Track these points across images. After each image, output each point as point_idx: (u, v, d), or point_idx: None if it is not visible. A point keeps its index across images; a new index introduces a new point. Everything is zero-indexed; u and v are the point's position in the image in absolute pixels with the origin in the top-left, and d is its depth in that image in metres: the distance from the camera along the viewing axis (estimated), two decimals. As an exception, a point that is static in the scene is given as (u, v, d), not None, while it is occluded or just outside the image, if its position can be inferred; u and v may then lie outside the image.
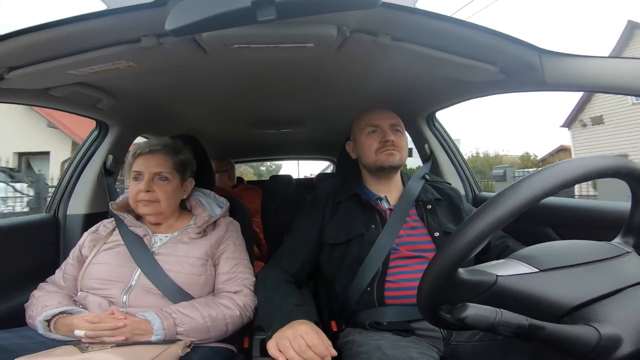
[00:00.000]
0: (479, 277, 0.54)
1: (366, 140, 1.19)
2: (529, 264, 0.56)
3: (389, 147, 1.15)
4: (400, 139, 1.18)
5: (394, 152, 1.15)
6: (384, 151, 1.15)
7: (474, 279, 0.54)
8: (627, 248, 0.61)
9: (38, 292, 1.05)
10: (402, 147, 1.18)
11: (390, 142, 1.15)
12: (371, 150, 1.17)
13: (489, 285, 0.53)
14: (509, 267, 0.56)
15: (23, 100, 1.08)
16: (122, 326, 0.89)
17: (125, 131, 1.58)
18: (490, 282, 0.53)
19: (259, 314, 1.03)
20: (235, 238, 1.21)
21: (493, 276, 0.53)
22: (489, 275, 0.54)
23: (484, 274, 0.54)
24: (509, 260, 0.58)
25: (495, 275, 0.53)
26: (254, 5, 0.62)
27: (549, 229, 1.26)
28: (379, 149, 1.16)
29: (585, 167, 0.52)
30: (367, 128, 1.19)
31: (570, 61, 0.90)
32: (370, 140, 1.18)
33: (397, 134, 1.18)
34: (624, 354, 0.45)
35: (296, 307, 0.95)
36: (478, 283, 0.53)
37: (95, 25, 0.76)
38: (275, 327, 0.86)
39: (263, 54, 0.94)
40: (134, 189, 1.12)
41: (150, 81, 1.22)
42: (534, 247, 0.62)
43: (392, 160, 1.15)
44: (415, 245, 1.09)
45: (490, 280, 0.53)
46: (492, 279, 0.53)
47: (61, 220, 1.46)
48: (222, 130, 2.23)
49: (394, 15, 0.80)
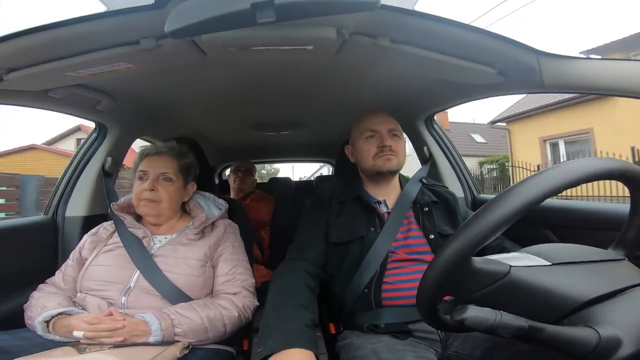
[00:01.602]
0: (493, 267, 0.54)
1: (364, 145, 1.20)
2: (541, 258, 0.56)
3: (386, 152, 1.15)
4: (398, 143, 1.19)
5: (392, 157, 1.16)
6: (381, 156, 1.16)
7: (488, 268, 0.54)
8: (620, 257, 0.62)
9: (37, 293, 1.05)
10: (399, 151, 1.18)
11: (388, 147, 1.15)
12: (369, 155, 1.18)
13: (502, 275, 0.53)
14: (522, 259, 0.56)
15: (21, 102, 1.08)
16: (121, 327, 0.89)
17: (124, 133, 1.58)
18: (503, 272, 0.53)
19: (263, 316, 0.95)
20: (234, 240, 1.21)
21: (506, 266, 0.54)
22: (502, 265, 0.54)
23: (498, 263, 0.54)
24: (522, 253, 0.59)
25: (508, 266, 0.54)
26: (253, 7, 0.62)
27: (547, 231, 1.26)
28: (377, 154, 1.16)
29: (590, 168, 0.52)
30: (366, 133, 1.20)
31: (568, 63, 0.91)
32: (368, 145, 1.19)
33: (394, 139, 1.18)
34: (623, 356, 0.45)
35: (301, 329, 0.84)
36: (492, 272, 0.54)
37: (95, 27, 0.77)
38: (271, 345, 0.79)
39: (262, 57, 0.94)
40: (139, 188, 1.14)
41: (149, 83, 1.22)
42: (543, 245, 0.62)
43: (389, 165, 1.15)
44: (412, 247, 1.10)
45: (504, 270, 0.54)
46: (506, 269, 0.54)
47: (59, 222, 1.45)
48: (221, 132, 2.23)
49: (393, 17, 0.80)
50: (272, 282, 1.03)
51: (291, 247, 1.17)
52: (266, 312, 0.92)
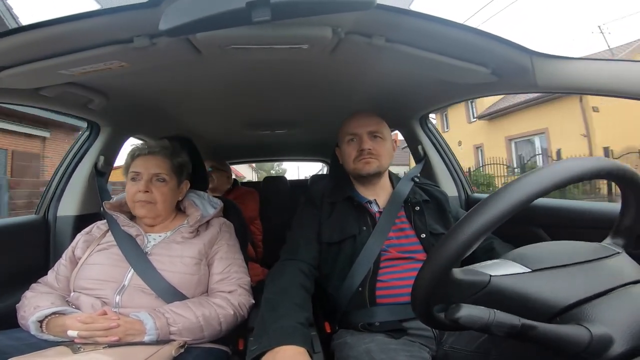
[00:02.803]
0: (473, 277, 0.54)
1: (346, 148, 1.21)
2: (522, 264, 0.57)
3: (365, 156, 1.16)
4: (380, 145, 1.18)
5: (371, 160, 1.16)
6: (360, 159, 1.17)
7: (468, 279, 0.54)
8: (617, 249, 0.62)
9: (30, 293, 1.04)
10: (380, 154, 1.18)
11: (366, 151, 1.16)
12: (350, 158, 1.19)
13: (482, 285, 0.54)
14: (502, 267, 0.57)
15: (12, 100, 1.07)
16: (115, 326, 0.88)
17: (116, 132, 1.56)
18: (484, 282, 0.54)
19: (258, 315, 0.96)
20: (229, 238, 1.21)
21: (487, 276, 0.54)
22: (482, 275, 0.54)
23: (478, 274, 0.55)
24: (502, 260, 0.59)
25: (488, 275, 0.54)
26: (248, 6, 0.62)
27: (539, 229, 1.28)
28: (357, 157, 1.17)
29: (579, 168, 0.52)
30: (347, 136, 1.21)
31: (561, 63, 0.91)
32: (349, 149, 1.20)
33: (376, 141, 1.18)
34: (615, 354, 0.46)
35: (295, 327, 0.85)
36: (472, 283, 0.54)
37: (88, 25, 0.76)
38: (265, 343, 0.80)
39: (257, 55, 0.94)
40: (132, 189, 1.12)
41: (142, 82, 1.21)
42: (527, 247, 0.62)
43: (368, 169, 1.16)
44: (404, 247, 1.11)
45: (484, 280, 0.54)
46: (486, 278, 0.54)
47: (51, 222, 1.44)
48: (216, 131, 2.22)
49: (389, 17, 0.80)
50: (267, 282, 1.03)
51: (285, 247, 1.17)
52: (261, 311, 0.92)
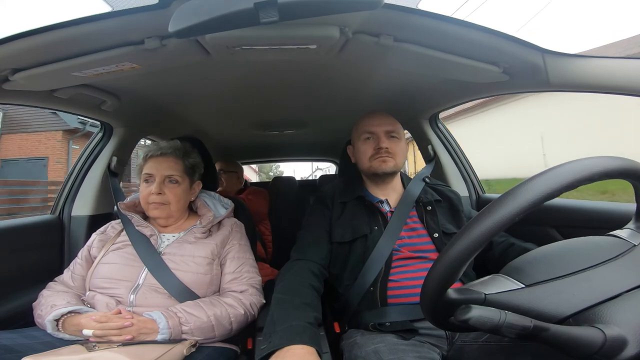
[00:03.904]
0: (468, 296, 0.54)
1: (362, 146, 1.21)
2: (516, 279, 0.56)
3: (382, 154, 1.16)
4: (396, 145, 1.19)
5: (388, 159, 1.16)
6: (377, 158, 1.16)
7: (462, 298, 0.54)
8: (634, 240, 0.60)
9: (47, 292, 1.06)
10: (396, 153, 1.18)
11: (384, 149, 1.16)
12: (366, 156, 1.19)
13: (478, 304, 0.54)
14: (497, 284, 0.56)
15: (28, 102, 1.09)
16: (129, 325, 0.90)
17: (129, 132, 1.59)
18: (479, 301, 0.54)
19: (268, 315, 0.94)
20: (240, 238, 1.22)
21: (481, 294, 0.54)
22: (477, 294, 0.54)
23: (473, 292, 0.55)
24: (497, 276, 0.59)
25: (483, 294, 0.54)
26: (256, 6, 0.62)
27: (552, 229, 1.25)
28: (373, 156, 1.17)
29: (590, 168, 0.51)
30: (363, 134, 1.21)
31: (574, 61, 0.89)
32: (365, 147, 1.19)
33: (392, 140, 1.18)
34: (629, 356, 0.45)
35: (304, 326, 0.84)
36: (467, 302, 0.54)
37: (100, 27, 0.77)
38: (274, 342, 0.79)
39: (265, 56, 0.94)
40: (145, 191, 1.14)
41: (153, 83, 1.23)
42: (523, 258, 0.61)
43: (384, 167, 1.16)
44: (416, 246, 1.10)
45: (479, 298, 0.54)
46: (481, 297, 0.54)
47: (66, 222, 1.47)
48: (225, 132, 2.24)
49: (397, 16, 0.79)
50: (277, 282, 1.03)
51: (295, 247, 1.17)
52: (271, 311, 0.92)
